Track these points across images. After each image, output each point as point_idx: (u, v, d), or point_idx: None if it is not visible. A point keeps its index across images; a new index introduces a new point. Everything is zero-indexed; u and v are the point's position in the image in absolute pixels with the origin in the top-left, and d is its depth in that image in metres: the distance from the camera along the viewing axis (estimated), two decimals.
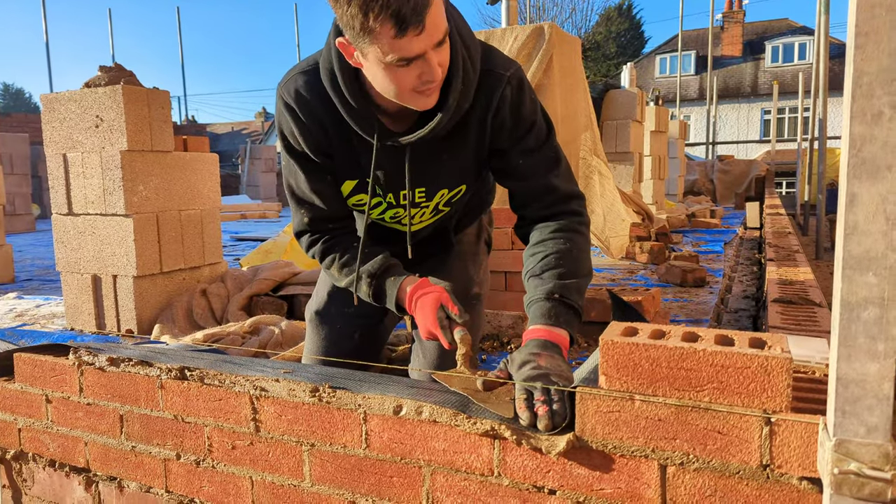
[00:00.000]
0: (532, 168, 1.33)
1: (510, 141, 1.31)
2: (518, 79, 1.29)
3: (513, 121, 1.29)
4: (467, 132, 1.30)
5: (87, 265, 3.11)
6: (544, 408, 1.03)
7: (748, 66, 27.42)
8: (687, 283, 3.59)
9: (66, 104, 3.01)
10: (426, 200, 1.40)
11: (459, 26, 1.23)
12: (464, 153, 1.33)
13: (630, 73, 6.01)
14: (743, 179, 11.38)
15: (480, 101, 1.27)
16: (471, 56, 1.23)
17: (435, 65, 1.12)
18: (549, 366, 1.10)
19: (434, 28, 1.08)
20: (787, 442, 0.89)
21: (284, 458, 1.26)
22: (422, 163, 1.33)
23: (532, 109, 1.31)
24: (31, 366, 1.54)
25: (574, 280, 1.25)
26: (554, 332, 1.19)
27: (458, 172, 1.37)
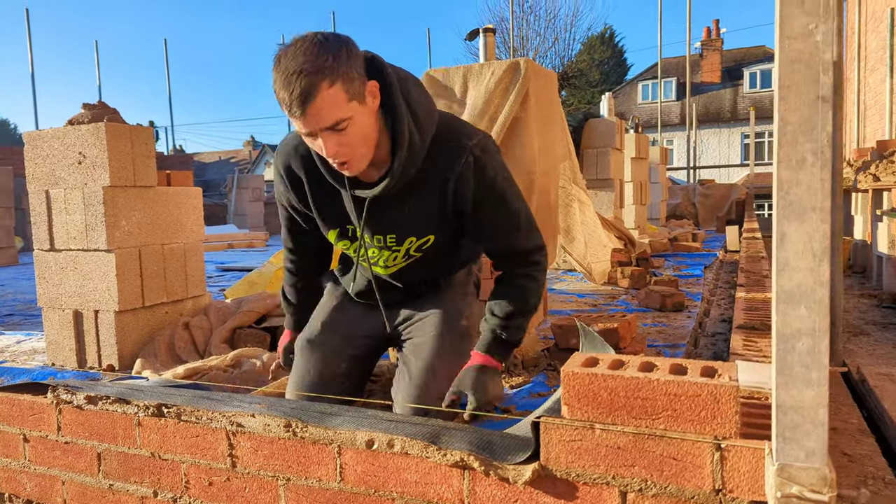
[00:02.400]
0: (496, 230, 1.51)
1: (473, 204, 1.46)
2: (481, 147, 1.44)
3: (475, 185, 1.44)
4: (428, 190, 1.45)
5: (68, 300, 3.11)
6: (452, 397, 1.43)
7: (727, 91, 28.03)
8: (666, 307, 3.65)
9: (49, 141, 3.05)
10: (396, 245, 1.55)
11: (413, 103, 1.38)
12: (426, 207, 1.48)
13: (609, 103, 6.15)
14: (723, 203, 11.56)
15: (443, 164, 1.42)
16: (420, 128, 1.39)
17: (327, 146, 1.30)
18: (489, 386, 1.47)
19: (318, 117, 1.25)
20: (736, 467, 0.93)
21: (261, 493, 1.28)
22: (387, 212, 1.49)
23: (494, 175, 1.45)
24: (8, 405, 1.55)
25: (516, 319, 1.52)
26: (490, 360, 1.52)
27: (423, 223, 1.51)
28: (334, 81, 1.23)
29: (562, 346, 2.63)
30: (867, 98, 11.61)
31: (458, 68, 3.30)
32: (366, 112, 1.32)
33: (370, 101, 1.33)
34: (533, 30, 25.32)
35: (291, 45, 1.25)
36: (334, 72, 1.23)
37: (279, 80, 1.23)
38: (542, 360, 2.67)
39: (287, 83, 1.22)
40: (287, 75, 1.22)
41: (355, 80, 1.27)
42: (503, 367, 1.60)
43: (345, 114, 1.27)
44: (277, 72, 1.24)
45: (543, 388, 2.38)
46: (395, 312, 1.70)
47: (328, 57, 1.23)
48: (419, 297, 1.70)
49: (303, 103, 1.22)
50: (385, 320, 1.69)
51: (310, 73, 1.21)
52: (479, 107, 3.13)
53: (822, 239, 0.79)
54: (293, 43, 1.25)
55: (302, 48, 1.23)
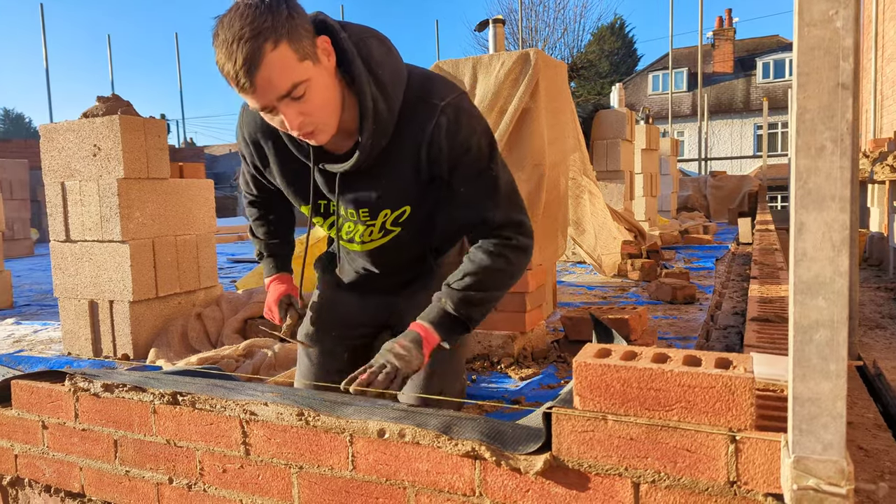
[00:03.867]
0: (469, 196, 1.35)
1: (448, 167, 1.32)
2: (454, 106, 1.29)
3: (448, 147, 1.29)
4: (400, 158, 1.33)
5: (84, 291, 3.15)
6: (363, 376, 1.28)
7: (740, 82, 27.73)
8: (677, 300, 3.64)
9: (65, 134, 3.07)
10: (370, 219, 1.42)
11: (375, 65, 1.25)
12: (400, 178, 1.35)
13: (619, 93, 6.11)
14: (735, 195, 11.46)
15: (414, 128, 1.29)
16: (385, 96, 1.26)
17: (288, 117, 1.18)
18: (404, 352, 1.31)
19: (269, 86, 1.13)
20: (751, 459, 0.93)
21: (274, 480, 1.29)
22: (358, 185, 1.37)
23: (468, 136, 1.30)
24: (27, 392, 1.57)
25: (471, 295, 1.35)
26: (430, 333, 1.35)
27: (397, 194, 1.38)
28: (278, 41, 1.10)
29: (572, 337, 2.63)
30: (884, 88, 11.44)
31: (468, 59, 3.29)
32: (322, 72, 1.18)
33: (325, 60, 1.19)
34: (542, 20, 25.16)
35: (226, 14, 1.13)
36: (277, 31, 1.10)
37: (220, 53, 1.11)
38: (551, 352, 2.67)
39: (229, 54, 1.10)
40: (227, 45, 1.10)
41: (303, 38, 1.14)
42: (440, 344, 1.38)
43: (299, 76, 1.14)
44: (217, 45, 1.12)
45: (553, 380, 2.38)
46: (389, 298, 1.62)
47: (266, 17, 1.10)
48: (411, 281, 1.59)
49: (248, 72, 1.10)
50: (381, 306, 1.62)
51: (250, 37, 1.08)
52: (488, 98, 3.12)
53: (842, 229, 0.78)
54: (228, 11, 1.13)
55: (237, 14, 1.11)
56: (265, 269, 1.69)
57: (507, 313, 2.55)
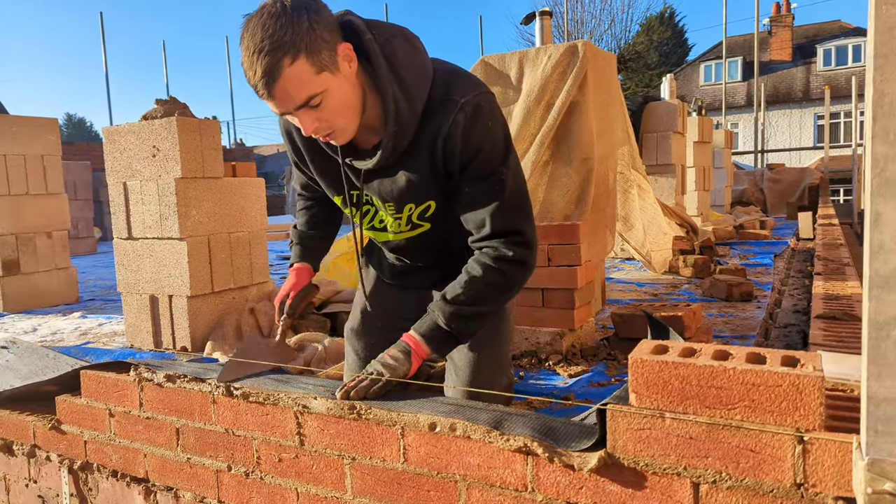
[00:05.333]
0: (474, 197, 1.33)
1: (460, 165, 1.31)
2: (473, 105, 1.28)
3: (462, 145, 1.28)
4: (419, 154, 1.33)
5: (145, 286, 3.28)
6: (349, 384, 1.29)
7: (798, 70, 26.62)
8: (733, 297, 3.52)
9: (126, 136, 3.20)
10: (396, 212, 1.44)
11: (399, 66, 1.26)
12: (420, 173, 1.35)
13: (670, 85, 5.95)
14: (795, 188, 11.01)
15: (433, 124, 1.29)
16: (408, 97, 1.27)
17: (304, 124, 1.23)
18: (392, 362, 1.31)
19: (286, 98, 1.17)
20: (820, 461, 0.89)
21: (328, 470, 1.32)
22: (381, 179, 1.40)
23: (483, 136, 1.29)
24: (95, 382, 1.64)
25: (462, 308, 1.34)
26: (419, 345, 1.35)
27: (418, 190, 1.38)
28: (296, 56, 1.13)
29: (622, 335, 2.58)
30: None
31: (514, 54, 3.26)
32: (341, 81, 1.21)
33: (345, 67, 1.21)
34: (588, 12, 24.75)
35: (252, 17, 1.16)
36: (296, 45, 1.12)
37: (244, 58, 1.15)
38: (601, 350, 2.63)
39: (250, 64, 1.14)
40: (249, 54, 1.14)
41: (322, 51, 1.16)
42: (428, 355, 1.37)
43: (315, 89, 1.17)
44: (242, 49, 1.16)
45: (603, 378, 2.34)
46: (427, 294, 1.61)
47: (287, 30, 1.12)
48: (448, 276, 1.55)
49: (267, 84, 1.15)
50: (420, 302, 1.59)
51: (269, 51, 1.11)
52: (535, 92, 3.09)
53: None
54: (253, 16, 1.16)
55: (259, 23, 1.13)
56: (291, 257, 1.70)
57: (556, 310, 2.52)
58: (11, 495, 1.87)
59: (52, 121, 5.17)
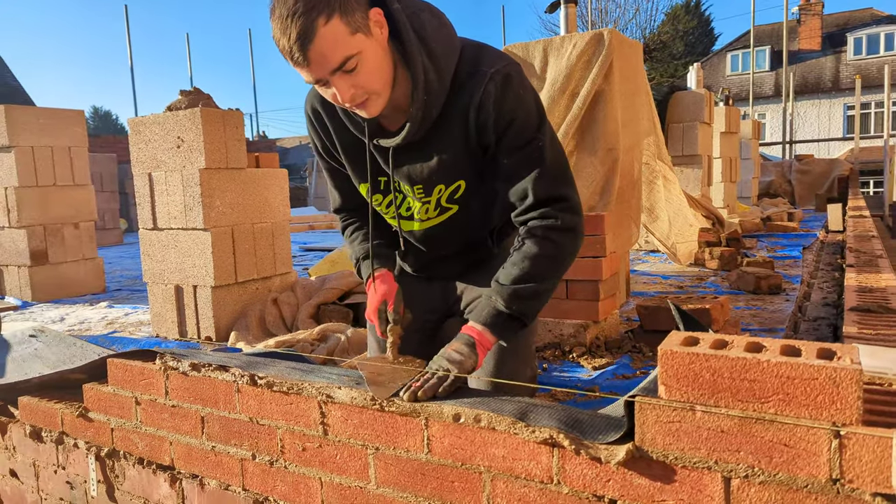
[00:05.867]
0: (513, 168, 1.31)
1: (495, 136, 1.29)
2: (503, 74, 1.27)
3: (495, 115, 1.27)
4: (451, 129, 1.31)
5: (170, 276, 3.32)
6: (415, 384, 1.24)
7: (828, 59, 25.98)
8: (761, 290, 3.45)
9: (151, 127, 3.23)
10: (425, 195, 1.42)
11: (428, 38, 1.25)
12: (452, 149, 1.33)
13: (697, 74, 5.84)
14: (824, 180, 10.76)
15: (462, 98, 1.28)
16: (437, 67, 1.26)
17: (341, 90, 1.19)
18: (457, 356, 1.26)
19: (322, 60, 1.15)
20: (857, 456, 0.86)
21: (351, 460, 1.31)
22: (411, 159, 1.36)
23: (516, 105, 1.28)
24: (122, 370, 1.67)
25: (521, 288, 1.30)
26: (483, 335, 1.30)
27: (450, 168, 1.36)
28: (331, 15, 1.12)
29: (648, 327, 2.54)
30: None
31: (538, 42, 3.21)
32: (374, 45, 1.19)
33: (377, 32, 1.20)
34: (612, 1, 24.41)
35: None
36: (329, 4, 1.12)
37: (276, 28, 1.15)
38: (625, 342, 2.60)
39: (283, 29, 1.13)
40: (282, 21, 1.13)
41: (355, 11, 1.15)
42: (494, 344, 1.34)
43: (350, 50, 1.16)
44: (273, 20, 1.15)
45: (628, 371, 2.31)
46: (451, 285, 1.61)
47: None
48: (472, 267, 1.57)
49: (302, 47, 1.13)
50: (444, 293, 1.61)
51: (303, 12, 1.11)
52: (559, 81, 3.05)
53: None
54: None
55: None
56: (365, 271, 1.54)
57: (579, 302, 2.49)
58: (41, 481, 1.91)
59: (79, 112, 5.25)
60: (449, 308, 1.65)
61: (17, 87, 23.48)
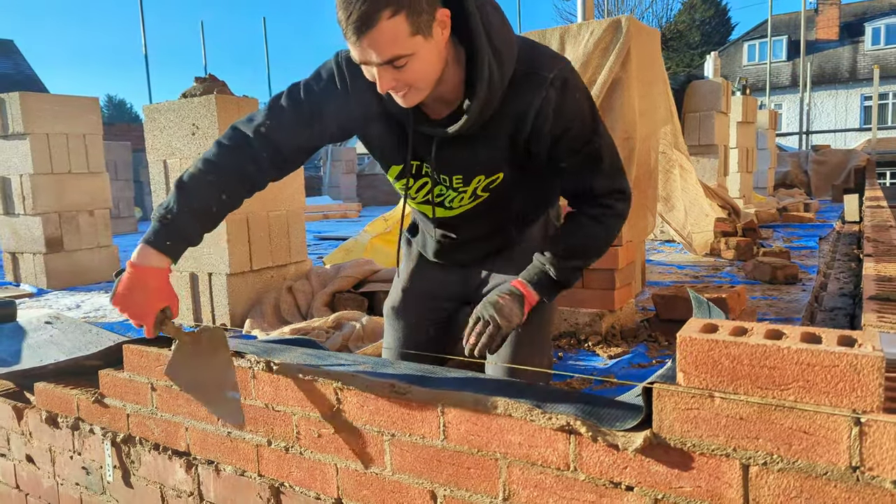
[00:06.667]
0: (574, 168, 1.35)
1: (551, 140, 1.31)
2: (562, 79, 1.28)
3: (554, 120, 1.29)
4: (503, 126, 1.31)
5: (185, 264, 3.34)
6: (472, 339, 1.30)
7: (846, 49, 25.55)
8: (777, 280, 3.42)
9: (166, 114, 3.24)
10: (463, 185, 1.41)
11: (494, 36, 1.23)
12: (499, 145, 1.34)
13: (714, 63, 5.76)
14: (840, 170, 10.61)
15: (521, 98, 1.28)
16: (500, 63, 1.24)
17: (381, 80, 1.16)
18: (503, 305, 1.32)
19: (374, 49, 1.11)
20: (878, 443, 0.85)
21: (367, 446, 1.32)
22: (456, 150, 1.35)
23: (574, 111, 1.30)
24: (138, 356, 1.68)
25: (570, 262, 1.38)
26: (531, 292, 1.37)
27: (493, 162, 1.37)
28: (397, 11, 1.08)
29: (664, 316, 2.53)
30: None
31: (555, 29, 3.18)
32: (430, 47, 1.16)
33: (438, 33, 1.16)
34: None
35: None
36: (400, 1, 1.08)
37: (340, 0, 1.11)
38: (641, 331, 2.58)
39: (347, 6, 1.09)
40: None
41: (423, 12, 1.12)
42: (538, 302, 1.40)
43: (404, 50, 1.12)
44: None
45: (644, 359, 2.30)
46: (472, 272, 1.61)
47: None
48: (493, 254, 1.58)
49: (358, 30, 1.09)
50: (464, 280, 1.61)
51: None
52: (576, 69, 3.02)
53: None
54: None
55: None
56: (156, 233, 1.33)
57: (595, 290, 2.48)
58: (57, 466, 1.93)
59: (93, 100, 5.28)
60: (467, 295, 1.65)
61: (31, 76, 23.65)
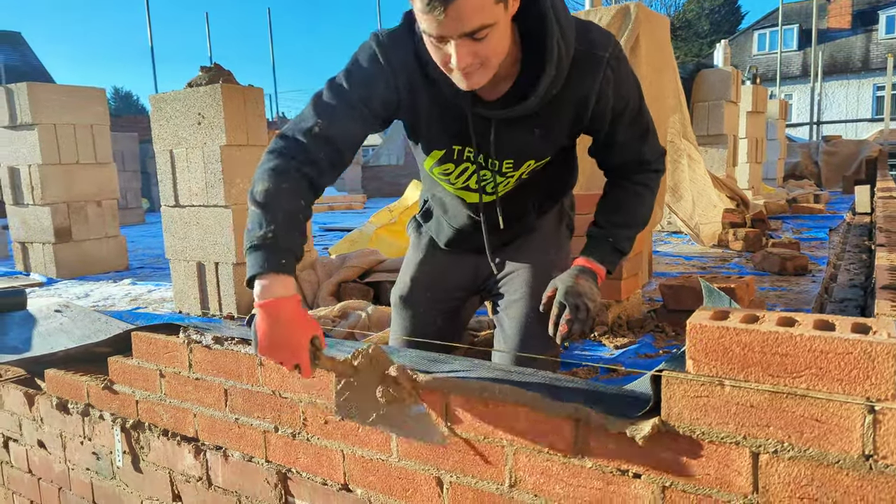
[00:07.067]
0: (628, 142, 1.39)
1: (611, 118, 1.34)
2: (617, 58, 1.30)
3: (615, 100, 1.31)
4: (562, 108, 1.31)
5: (192, 253, 3.35)
6: (564, 327, 1.31)
7: (858, 38, 25.23)
8: (786, 271, 3.39)
9: (172, 103, 3.24)
10: (513, 170, 1.40)
11: (557, 10, 1.22)
12: (557, 128, 1.35)
13: (724, 51, 5.69)
14: (851, 161, 10.50)
15: (581, 81, 1.28)
16: (566, 42, 1.24)
17: (460, 55, 1.12)
18: (584, 286, 1.32)
19: (459, 19, 1.07)
20: (892, 431, 0.84)
21: (374, 433, 1.32)
22: (511, 134, 1.33)
23: (629, 86, 1.33)
24: (146, 343, 1.68)
25: (626, 230, 1.43)
26: (600, 269, 1.39)
27: (547, 145, 1.38)
28: None
29: (671, 307, 2.51)
30: None
31: None
32: (507, 18, 1.15)
33: (512, 6, 1.15)
34: None
35: None
36: None
37: None
38: (648, 322, 2.57)
39: None
40: None
41: None
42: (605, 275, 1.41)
43: (489, 19, 1.09)
44: None
45: (650, 350, 2.29)
46: (483, 262, 1.59)
47: None
48: (511, 241, 1.57)
49: (446, 0, 1.05)
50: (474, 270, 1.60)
51: None
52: None
53: None
54: None
55: None
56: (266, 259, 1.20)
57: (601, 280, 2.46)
58: (68, 451, 1.94)
59: (100, 91, 5.28)
60: (476, 286, 1.64)
61: (39, 68, 23.71)
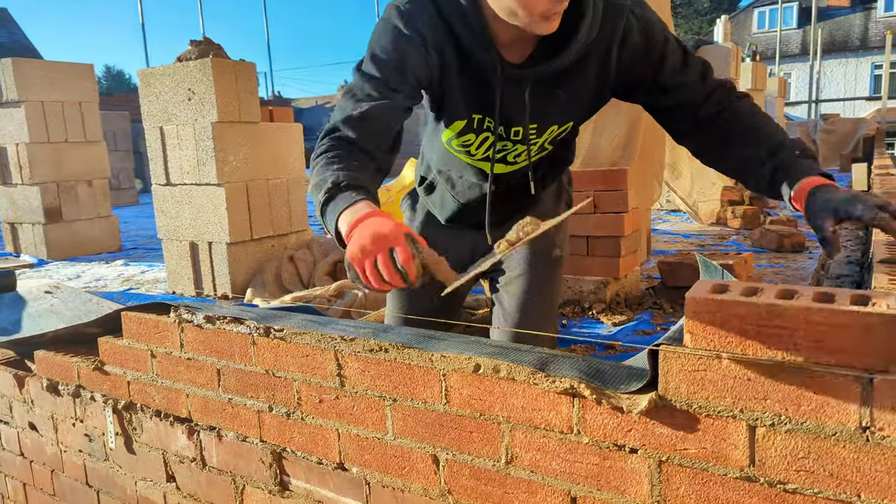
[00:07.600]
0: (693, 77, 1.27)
1: (652, 66, 1.26)
2: (638, 3, 1.25)
3: (645, 46, 1.24)
4: (587, 66, 1.27)
5: (184, 232, 3.32)
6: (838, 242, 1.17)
7: (857, 16, 25.02)
8: (784, 248, 3.39)
9: (161, 79, 3.18)
10: (536, 136, 1.37)
11: None
12: (583, 88, 1.30)
13: (724, 27, 5.62)
14: (849, 139, 10.47)
15: (604, 31, 1.24)
16: None
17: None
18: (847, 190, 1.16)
19: None
20: (890, 404, 0.83)
21: (368, 412, 1.31)
22: (538, 97, 1.30)
23: (660, 26, 1.26)
24: (136, 323, 1.66)
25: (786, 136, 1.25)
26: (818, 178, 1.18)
27: (571, 109, 1.34)
28: None
29: (669, 284, 2.51)
30: None
31: None
32: None
33: None
34: None
35: None
36: None
37: None
38: (646, 299, 2.56)
39: None
40: None
41: None
42: None
43: None
44: None
45: (648, 327, 2.29)
46: (481, 238, 1.56)
47: None
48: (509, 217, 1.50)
49: None
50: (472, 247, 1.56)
51: None
52: None
53: None
54: None
55: None
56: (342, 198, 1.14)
57: (600, 258, 2.45)
58: (60, 433, 1.94)
59: (88, 67, 5.18)
60: (473, 263, 1.61)
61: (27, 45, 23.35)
